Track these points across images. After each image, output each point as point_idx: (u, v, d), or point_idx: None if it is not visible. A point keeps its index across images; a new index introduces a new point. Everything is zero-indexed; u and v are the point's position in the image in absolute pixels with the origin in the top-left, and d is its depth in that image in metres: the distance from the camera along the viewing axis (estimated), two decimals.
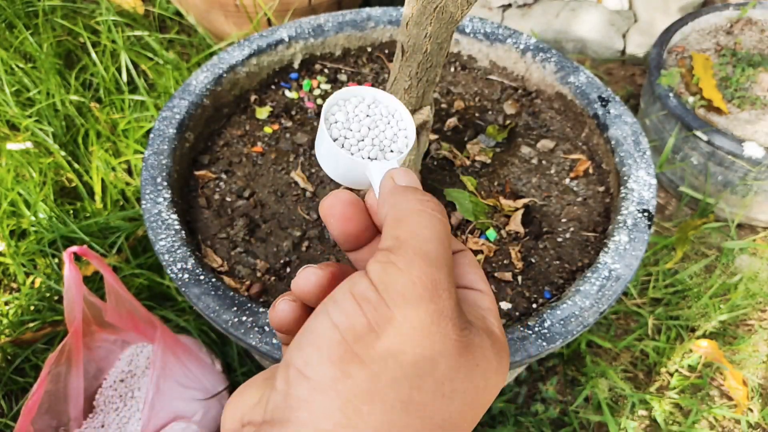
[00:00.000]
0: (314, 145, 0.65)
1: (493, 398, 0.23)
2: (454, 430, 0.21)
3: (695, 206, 1.17)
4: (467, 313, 0.23)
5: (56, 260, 0.99)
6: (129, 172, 1.12)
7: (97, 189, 1.06)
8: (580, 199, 0.61)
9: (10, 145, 1.09)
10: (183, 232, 0.53)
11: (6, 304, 0.97)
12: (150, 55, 1.24)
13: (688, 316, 1.00)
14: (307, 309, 0.26)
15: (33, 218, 1.01)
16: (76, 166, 1.11)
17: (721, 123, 1.05)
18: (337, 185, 0.61)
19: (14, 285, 1.02)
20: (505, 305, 0.52)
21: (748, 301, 1.02)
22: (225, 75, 0.67)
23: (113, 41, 1.23)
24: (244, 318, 0.48)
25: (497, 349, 0.23)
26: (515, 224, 0.57)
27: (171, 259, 0.51)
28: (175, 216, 0.54)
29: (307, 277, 0.25)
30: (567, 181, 0.63)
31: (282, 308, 0.25)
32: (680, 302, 1.03)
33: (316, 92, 0.72)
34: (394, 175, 0.26)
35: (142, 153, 1.09)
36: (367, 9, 0.74)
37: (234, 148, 0.65)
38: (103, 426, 0.81)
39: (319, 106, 0.70)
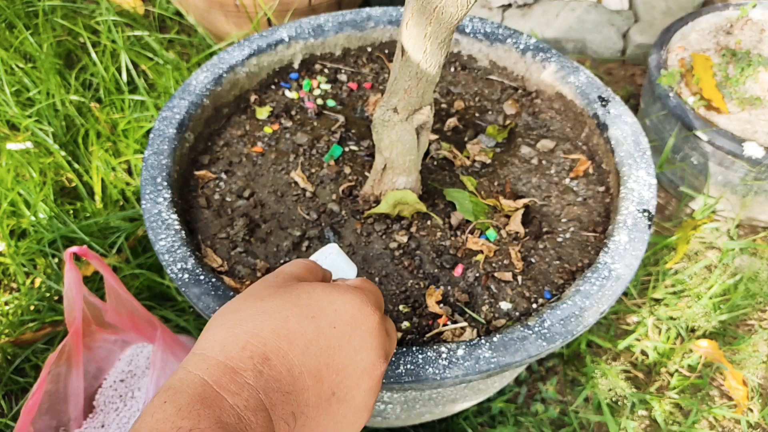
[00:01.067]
0: (314, 145, 0.65)
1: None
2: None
3: (695, 206, 1.17)
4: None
5: (56, 260, 0.99)
6: (129, 172, 1.12)
7: (97, 189, 1.06)
8: (580, 199, 0.61)
9: (10, 145, 1.09)
10: (183, 232, 0.53)
11: (6, 304, 0.97)
12: (150, 55, 1.24)
13: (688, 316, 1.00)
14: None
15: (33, 218, 1.01)
16: (76, 166, 1.11)
17: (721, 123, 1.05)
18: (337, 187, 0.61)
19: (14, 285, 1.02)
20: (505, 305, 0.52)
21: (748, 301, 1.02)
22: (225, 75, 0.67)
23: (113, 41, 1.23)
24: None
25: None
26: (515, 224, 0.57)
27: (171, 259, 0.51)
28: (175, 216, 0.54)
29: None
30: (567, 181, 0.63)
31: None
32: (680, 302, 1.03)
33: (316, 92, 0.72)
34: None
35: (142, 153, 1.10)
36: (367, 9, 0.74)
37: (234, 148, 0.65)
38: (103, 426, 0.81)
39: (319, 106, 0.70)
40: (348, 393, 0.33)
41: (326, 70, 0.74)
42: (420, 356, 0.46)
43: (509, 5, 1.53)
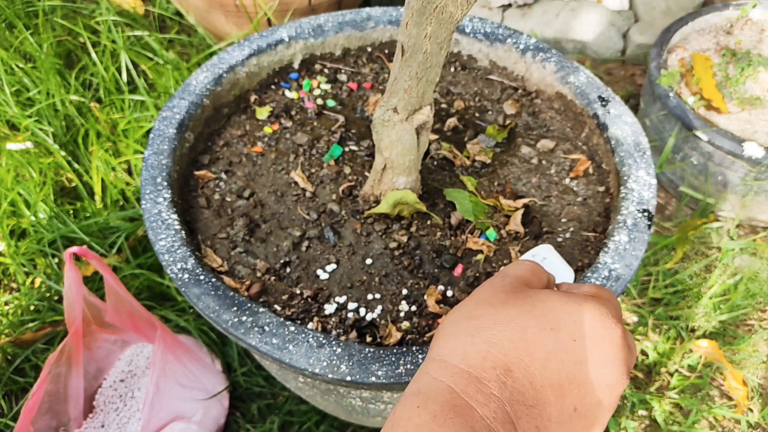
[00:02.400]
0: (314, 145, 0.65)
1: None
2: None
3: (695, 206, 1.17)
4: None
5: (56, 260, 0.99)
6: (129, 172, 1.12)
7: (97, 189, 1.07)
8: (580, 199, 0.61)
9: (10, 145, 1.09)
10: (183, 232, 0.53)
11: (6, 304, 0.97)
12: (150, 55, 1.24)
13: (688, 316, 1.00)
14: None
15: (33, 218, 1.01)
16: (76, 166, 1.11)
17: (721, 123, 1.05)
18: (337, 187, 0.61)
19: (14, 285, 1.02)
20: None
21: (748, 301, 1.02)
22: (225, 75, 0.67)
23: (113, 41, 1.23)
24: (244, 318, 0.48)
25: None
26: (515, 224, 0.57)
27: (171, 259, 0.51)
28: (175, 216, 0.54)
29: None
30: (567, 181, 0.63)
31: None
32: (680, 302, 1.03)
33: (316, 92, 0.72)
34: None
35: (142, 153, 1.10)
36: (367, 9, 0.74)
37: (234, 148, 0.65)
38: (103, 426, 0.81)
39: (319, 106, 0.70)
40: (589, 410, 0.31)
41: (326, 70, 0.74)
42: (420, 356, 0.46)
43: (509, 5, 1.53)
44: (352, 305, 0.52)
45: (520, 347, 0.30)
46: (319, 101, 0.71)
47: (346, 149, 0.65)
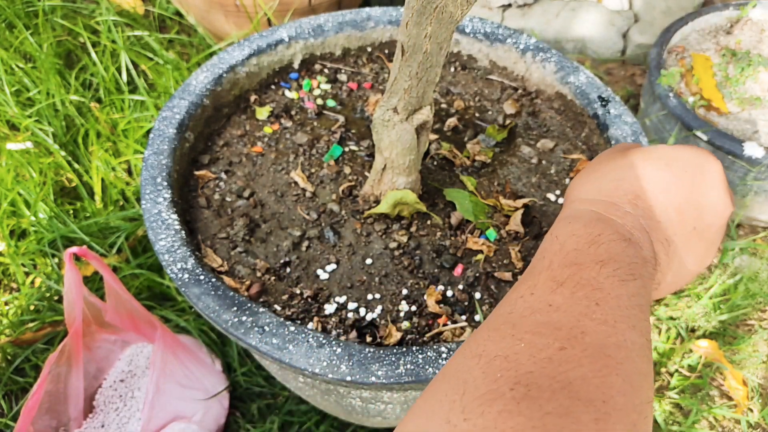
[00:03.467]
0: (314, 145, 0.65)
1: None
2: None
3: None
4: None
5: (56, 260, 0.99)
6: (129, 172, 1.12)
7: (97, 189, 1.07)
8: None
9: (10, 145, 1.09)
10: (183, 232, 0.53)
11: (6, 304, 0.97)
12: (150, 55, 1.24)
13: (688, 316, 1.00)
14: None
15: (33, 218, 1.01)
16: (76, 166, 1.11)
17: (721, 123, 1.05)
18: (337, 187, 0.61)
19: (14, 285, 1.02)
20: None
21: (748, 301, 1.02)
22: (225, 75, 0.67)
23: (113, 41, 1.23)
24: (244, 318, 0.48)
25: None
26: (515, 224, 0.57)
27: (171, 259, 0.51)
28: (175, 216, 0.54)
29: None
30: (567, 180, 0.63)
31: None
32: (680, 302, 1.03)
33: (316, 92, 0.72)
34: None
35: (142, 153, 1.10)
36: (367, 9, 0.74)
37: (234, 148, 0.65)
38: (103, 426, 0.81)
39: (319, 106, 0.70)
40: (705, 229, 0.38)
41: (326, 70, 0.74)
42: (420, 356, 0.46)
43: (509, 5, 1.53)
44: (352, 305, 0.52)
45: (642, 180, 0.37)
46: (319, 101, 0.71)
47: (346, 149, 0.65)
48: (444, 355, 0.46)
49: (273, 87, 0.72)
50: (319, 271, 0.54)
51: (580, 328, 0.28)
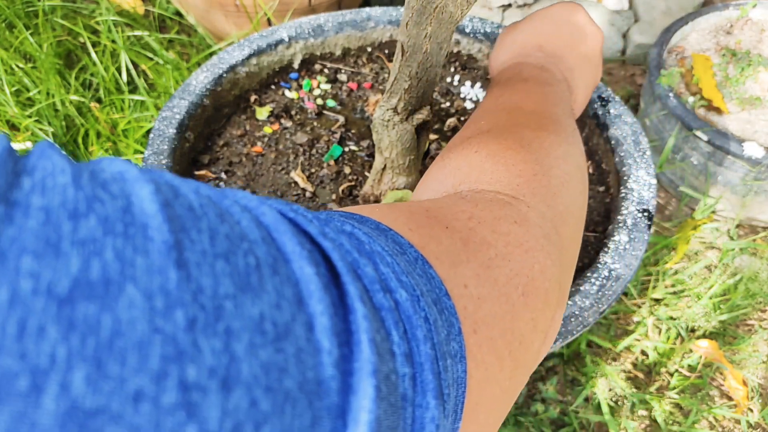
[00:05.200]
0: (314, 145, 0.65)
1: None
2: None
3: (695, 206, 1.17)
4: None
5: None
6: None
7: None
8: None
9: None
10: None
11: None
12: (150, 55, 1.24)
13: (688, 316, 1.00)
14: None
15: None
16: None
17: (721, 123, 1.05)
18: (337, 187, 0.61)
19: None
20: None
21: (748, 301, 1.02)
22: (225, 75, 0.67)
23: (113, 41, 1.23)
24: None
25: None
26: None
27: None
28: None
29: None
30: None
31: None
32: (680, 302, 1.03)
33: (316, 92, 0.72)
34: None
35: (142, 153, 1.10)
36: (367, 9, 0.74)
37: (234, 148, 0.65)
38: None
39: (319, 106, 0.70)
40: (591, 56, 0.50)
41: (326, 70, 0.74)
42: None
43: (509, 5, 1.53)
44: None
45: (540, 33, 0.50)
46: (319, 101, 0.71)
47: (346, 149, 0.65)
48: None
49: (273, 87, 0.72)
50: None
51: (519, 106, 0.41)
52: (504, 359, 0.24)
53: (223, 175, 0.62)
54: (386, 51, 0.76)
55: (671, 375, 0.97)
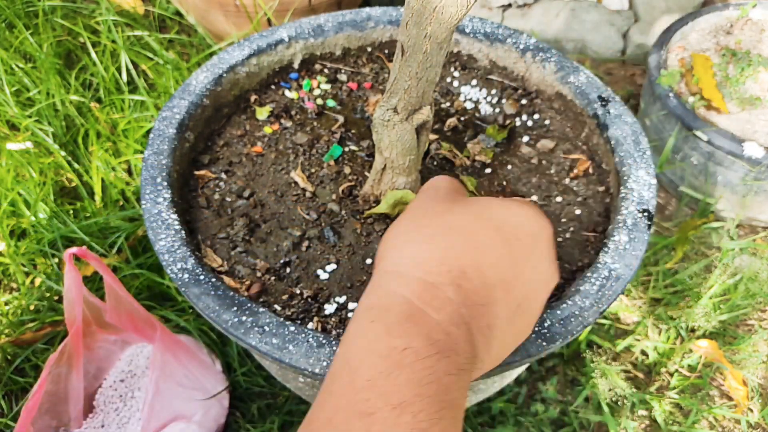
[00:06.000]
0: (314, 145, 0.65)
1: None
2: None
3: (695, 206, 1.17)
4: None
5: (56, 260, 0.99)
6: (129, 172, 1.12)
7: (97, 189, 1.07)
8: (580, 199, 0.61)
9: (10, 145, 1.09)
10: (183, 232, 0.53)
11: (6, 304, 0.97)
12: (150, 55, 1.24)
13: (688, 316, 1.00)
14: None
15: (33, 218, 1.01)
16: (76, 166, 1.11)
17: (721, 123, 1.05)
18: (337, 187, 0.61)
19: (14, 285, 1.02)
20: None
21: (748, 301, 1.02)
22: (225, 75, 0.67)
23: (113, 41, 1.23)
24: (244, 318, 0.48)
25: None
26: None
27: (171, 259, 0.51)
28: (175, 216, 0.54)
29: None
30: (567, 181, 0.63)
31: None
32: (680, 302, 1.03)
33: (316, 92, 0.72)
34: None
35: (142, 153, 1.10)
36: (367, 9, 0.74)
37: (234, 148, 0.65)
38: (103, 426, 0.82)
39: (319, 106, 0.70)
40: (530, 305, 0.34)
41: (326, 70, 0.74)
42: None
43: (509, 5, 1.53)
44: (352, 305, 0.52)
45: (473, 250, 0.31)
46: (319, 101, 0.71)
47: (346, 149, 0.65)
48: None
49: (273, 87, 0.72)
50: (319, 271, 0.54)
51: None
52: None
53: (223, 175, 0.62)
54: (386, 51, 0.76)
55: (671, 375, 0.97)
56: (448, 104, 0.72)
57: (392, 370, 0.26)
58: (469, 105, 0.71)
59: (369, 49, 0.76)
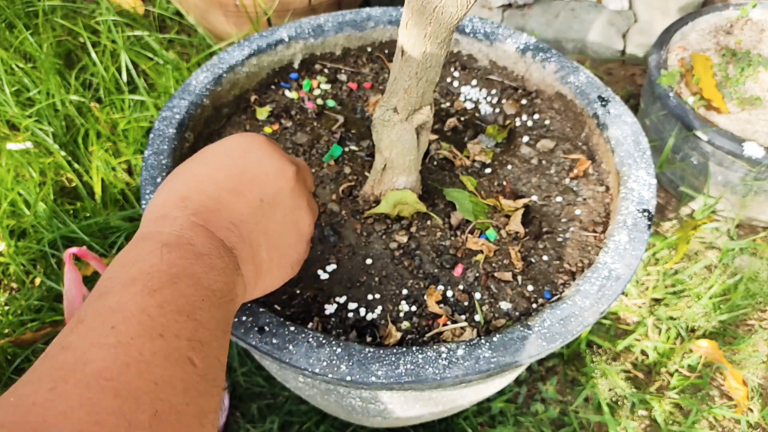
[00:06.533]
0: (314, 145, 0.65)
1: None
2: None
3: (695, 206, 1.17)
4: None
5: (56, 260, 0.99)
6: (129, 172, 1.12)
7: (97, 189, 1.07)
8: (580, 199, 0.61)
9: (10, 145, 1.09)
10: None
11: (6, 304, 0.97)
12: (150, 55, 1.24)
13: (687, 316, 1.00)
14: None
15: (33, 218, 1.01)
16: (76, 166, 1.11)
17: (721, 123, 1.05)
18: (337, 187, 0.61)
19: (14, 285, 1.02)
20: (505, 305, 0.52)
21: (748, 301, 1.02)
22: (225, 75, 0.67)
23: (113, 41, 1.23)
24: (244, 318, 0.48)
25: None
26: (515, 224, 0.57)
27: None
28: None
29: None
30: (567, 180, 0.63)
31: None
32: (680, 302, 1.03)
33: (316, 92, 0.72)
34: None
35: (142, 153, 1.10)
36: (367, 9, 0.74)
37: None
38: None
39: (319, 106, 0.70)
40: (275, 198, 0.39)
41: (326, 70, 0.74)
42: (420, 356, 0.46)
43: (509, 5, 1.54)
44: (352, 305, 0.52)
45: (189, 179, 0.37)
46: (319, 101, 0.71)
47: (346, 149, 0.65)
48: (444, 355, 0.46)
49: (273, 87, 0.72)
50: (320, 272, 0.54)
51: (83, 359, 0.26)
52: None
53: None
54: (386, 51, 0.76)
55: (671, 375, 0.97)
56: (448, 104, 0.72)
57: (123, 265, 0.31)
58: (469, 105, 0.71)
59: (369, 49, 0.76)
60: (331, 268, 0.55)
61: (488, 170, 0.64)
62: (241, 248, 0.36)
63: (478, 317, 0.52)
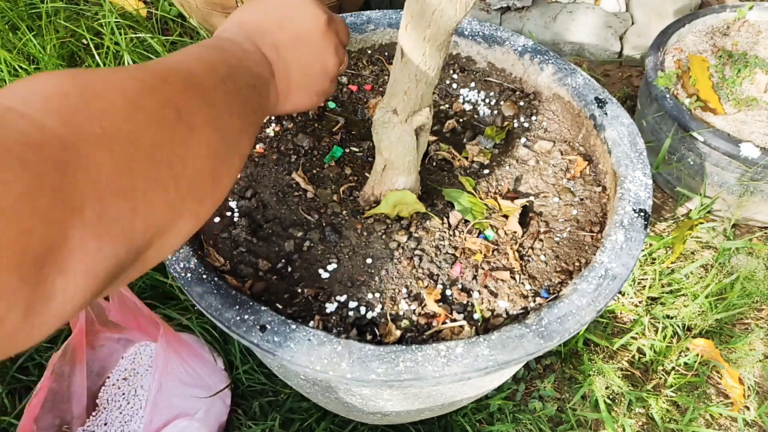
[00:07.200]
0: (315, 146, 0.66)
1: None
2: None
3: (692, 206, 1.18)
4: None
5: None
6: None
7: None
8: (577, 199, 0.62)
9: None
10: None
11: None
12: (153, 57, 1.25)
13: (684, 315, 1.01)
14: None
15: None
16: None
17: (718, 124, 1.06)
18: (337, 187, 0.62)
19: None
20: (503, 304, 0.53)
21: (744, 300, 1.03)
22: None
23: (116, 43, 1.24)
24: (246, 316, 0.48)
25: None
26: (513, 224, 0.58)
27: (174, 258, 0.52)
28: None
29: None
30: (564, 181, 0.64)
31: None
32: (676, 301, 1.04)
33: None
34: None
35: None
36: (367, 12, 0.75)
37: None
38: (106, 424, 0.82)
39: (320, 108, 0.71)
40: (308, 36, 0.48)
41: None
42: (419, 354, 0.47)
43: (507, 8, 1.54)
44: (352, 304, 0.53)
45: (247, 11, 0.47)
46: None
47: (347, 150, 0.66)
48: (443, 353, 0.47)
49: None
50: (321, 271, 0.55)
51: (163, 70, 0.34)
52: None
53: None
54: (386, 53, 0.77)
55: (668, 373, 0.98)
56: (447, 106, 0.73)
57: (187, 49, 0.39)
58: (467, 107, 0.72)
59: (369, 52, 0.77)
60: (331, 267, 0.56)
61: (486, 171, 0.65)
62: (278, 64, 0.46)
63: (476, 315, 0.53)
